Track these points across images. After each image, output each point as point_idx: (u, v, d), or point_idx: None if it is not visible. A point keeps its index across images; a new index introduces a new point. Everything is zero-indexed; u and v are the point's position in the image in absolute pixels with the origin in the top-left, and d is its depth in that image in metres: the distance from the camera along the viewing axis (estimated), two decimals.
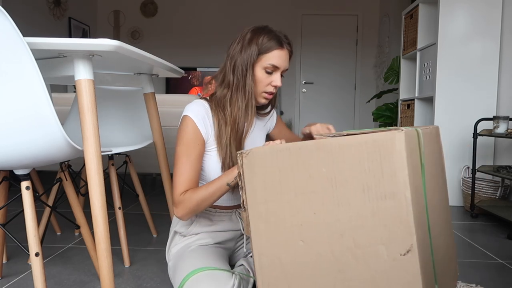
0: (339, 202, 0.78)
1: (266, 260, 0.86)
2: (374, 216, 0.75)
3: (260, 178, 0.85)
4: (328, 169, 0.78)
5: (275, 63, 1.14)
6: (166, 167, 1.66)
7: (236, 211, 1.32)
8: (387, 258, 0.75)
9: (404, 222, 0.72)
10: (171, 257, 1.25)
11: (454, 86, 2.48)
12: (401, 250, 0.73)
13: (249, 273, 1.15)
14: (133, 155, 2.60)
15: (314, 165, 0.79)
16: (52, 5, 4.55)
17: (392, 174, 0.72)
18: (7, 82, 0.92)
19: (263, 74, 1.15)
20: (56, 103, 1.31)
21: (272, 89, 1.18)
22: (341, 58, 5.45)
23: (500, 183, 2.33)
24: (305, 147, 0.80)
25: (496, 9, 2.43)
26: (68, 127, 1.64)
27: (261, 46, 1.13)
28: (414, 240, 0.72)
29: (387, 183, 0.73)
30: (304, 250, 0.82)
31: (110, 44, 0.96)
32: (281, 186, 0.83)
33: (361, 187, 0.76)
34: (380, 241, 0.75)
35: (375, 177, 0.74)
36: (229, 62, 1.17)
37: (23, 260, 1.51)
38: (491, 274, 1.42)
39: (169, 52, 5.39)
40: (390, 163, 0.72)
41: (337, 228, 0.79)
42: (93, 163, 1.05)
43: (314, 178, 0.80)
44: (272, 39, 1.14)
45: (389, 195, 0.73)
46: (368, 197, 0.75)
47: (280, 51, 1.15)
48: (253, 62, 1.14)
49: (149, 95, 1.58)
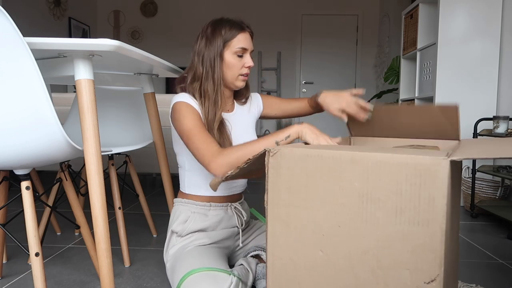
0: (367, 220, 0.76)
1: (279, 262, 0.85)
2: (403, 240, 0.73)
3: (285, 180, 0.83)
4: (361, 184, 0.76)
5: (243, 45, 1.24)
6: (166, 167, 1.66)
7: (231, 205, 1.33)
8: (410, 284, 0.73)
9: (435, 252, 0.70)
10: (168, 258, 1.25)
11: (454, 86, 2.48)
12: (426, 279, 0.71)
13: (248, 273, 1.15)
14: (133, 155, 2.60)
15: (347, 178, 0.77)
16: (52, 5, 4.55)
17: (430, 201, 0.70)
18: (7, 82, 0.92)
19: (235, 59, 1.24)
20: (56, 103, 1.31)
21: (246, 70, 1.27)
22: (341, 58, 5.45)
23: (500, 183, 2.33)
24: (339, 157, 0.77)
25: (496, 9, 2.43)
26: (68, 127, 1.64)
27: (225, 35, 1.22)
28: (441, 271, 0.70)
29: (423, 209, 0.71)
30: (322, 260, 0.80)
31: (110, 44, 0.96)
32: (307, 192, 0.81)
33: (394, 208, 0.73)
34: (405, 266, 0.73)
35: (410, 201, 0.72)
36: (196, 57, 1.25)
37: (23, 260, 1.51)
38: (491, 274, 1.42)
39: (169, 52, 5.39)
40: (430, 189, 0.70)
41: (361, 245, 0.76)
42: (93, 163, 1.05)
43: (344, 191, 0.77)
44: (233, 26, 1.24)
45: (422, 221, 0.71)
46: (400, 219, 0.73)
47: (244, 33, 1.25)
48: (220, 51, 1.22)
49: (149, 95, 1.58)
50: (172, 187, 1.69)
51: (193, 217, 1.27)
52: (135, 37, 5.58)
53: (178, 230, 1.26)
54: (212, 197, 1.30)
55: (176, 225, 1.27)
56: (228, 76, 1.25)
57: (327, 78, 5.47)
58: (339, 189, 0.78)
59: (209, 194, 1.29)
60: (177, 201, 1.33)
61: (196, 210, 1.28)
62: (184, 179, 1.33)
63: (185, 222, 1.27)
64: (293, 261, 0.83)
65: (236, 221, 1.33)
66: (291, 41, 5.43)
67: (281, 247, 0.84)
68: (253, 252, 1.30)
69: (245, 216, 1.37)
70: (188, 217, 1.27)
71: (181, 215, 1.28)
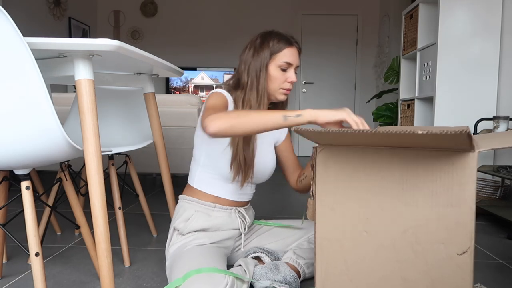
0: (407, 203, 0.87)
1: (327, 243, 0.95)
2: (439, 219, 0.84)
3: (332, 172, 0.93)
4: (401, 173, 0.87)
5: (288, 60, 1.25)
6: (166, 167, 1.66)
7: (235, 209, 1.33)
8: (444, 255, 0.85)
9: (466, 228, 0.83)
10: (168, 256, 1.26)
11: (454, 86, 2.48)
12: (458, 251, 0.84)
13: (245, 274, 1.15)
14: (133, 155, 2.60)
15: (388, 168, 0.88)
16: (52, 5, 4.55)
17: (462, 186, 0.82)
18: (7, 82, 0.92)
19: (279, 72, 1.25)
20: (56, 103, 1.31)
21: (289, 86, 1.28)
22: (341, 58, 5.45)
23: (500, 183, 2.33)
24: (381, 150, 0.88)
25: (496, 9, 2.43)
26: (68, 127, 1.64)
27: (272, 48, 1.24)
28: (472, 244, 0.83)
29: (455, 193, 0.83)
30: (366, 240, 0.91)
31: (110, 44, 0.96)
32: (351, 181, 0.91)
33: (430, 193, 0.85)
34: (441, 241, 0.85)
35: (444, 186, 0.84)
36: (242, 66, 1.27)
37: (23, 260, 1.51)
38: (491, 274, 1.42)
39: (169, 52, 5.39)
40: (461, 177, 0.82)
41: (401, 224, 0.88)
42: (93, 163, 1.05)
43: (385, 180, 0.88)
44: (281, 39, 1.26)
45: (455, 203, 0.83)
46: (436, 202, 0.85)
47: (291, 49, 1.26)
48: (267, 63, 1.24)
49: (149, 95, 1.58)
50: (172, 187, 1.69)
51: (196, 215, 1.27)
52: (135, 37, 5.58)
53: (180, 228, 1.27)
54: (218, 198, 1.30)
55: (179, 222, 1.28)
56: (270, 88, 1.27)
57: (327, 78, 5.47)
58: (381, 178, 0.89)
59: (216, 194, 1.29)
60: (182, 197, 1.34)
61: (200, 209, 1.28)
62: (196, 173, 1.32)
63: (188, 220, 1.27)
64: (339, 241, 0.94)
65: (238, 225, 1.33)
66: None
67: (328, 229, 0.95)
68: (253, 253, 1.30)
69: (248, 221, 1.37)
70: (191, 215, 1.27)
71: (185, 212, 1.28)
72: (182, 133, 2.61)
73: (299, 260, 1.25)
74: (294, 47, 1.27)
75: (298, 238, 1.39)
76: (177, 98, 2.69)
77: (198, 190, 1.31)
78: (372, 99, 4.30)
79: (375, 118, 3.72)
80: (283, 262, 1.24)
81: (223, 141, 1.25)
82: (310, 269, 1.26)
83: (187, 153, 2.63)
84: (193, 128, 2.64)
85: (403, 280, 0.89)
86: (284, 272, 1.18)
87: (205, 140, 1.27)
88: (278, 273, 1.17)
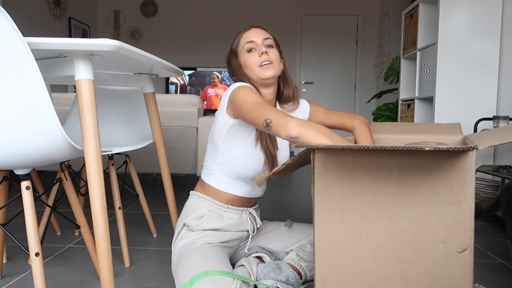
0: (406, 203, 0.87)
1: (326, 244, 0.94)
2: (438, 218, 0.85)
3: (330, 172, 0.92)
4: (400, 173, 0.87)
5: (247, 39, 1.27)
6: (166, 167, 1.66)
7: (247, 210, 1.33)
8: (444, 254, 0.86)
9: (465, 226, 0.84)
10: (175, 251, 1.25)
11: (454, 86, 2.48)
12: (458, 249, 0.85)
13: (250, 276, 1.15)
14: (133, 155, 2.60)
15: (387, 169, 0.87)
16: (52, 5, 4.55)
17: (461, 185, 0.83)
18: (7, 82, 0.92)
19: (247, 55, 1.26)
20: (56, 103, 1.31)
21: (263, 58, 1.24)
22: (341, 58, 5.45)
23: (500, 183, 2.32)
24: (379, 150, 0.87)
25: (496, 9, 2.43)
26: (68, 127, 1.64)
27: (233, 45, 1.31)
28: (471, 242, 0.85)
29: (455, 192, 0.84)
30: (366, 239, 0.91)
31: (110, 44, 0.96)
32: (351, 182, 0.91)
33: (429, 192, 0.85)
34: (441, 240, 0.85)
35: (444, 186, 0.84)
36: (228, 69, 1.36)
37: (23, 260, 1.51)
38: (491, 274, 1.42)
39: (169, 52, 5.39)
40: (461, 176, 0.83)
41: (401, 224, 0.88)
42: (93, 163, 1.05)
43: (385, 180, 0.88)
44: (238, 33, 1.32)
45: (455, 202, 0.84)
46: (435, 201, 0.85)
47: (247, 31, 1.29)
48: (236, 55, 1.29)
49: (149, 95, 1.58)
50: (172, 187, 1.69)
51: (209, 215, 1.27)
52: (135, 37, 5.58)
53: (191, 225, 1.26)
54: (232, 199, 1.29)
55: (190, 219, 1.27)
56: (250, 74, 1.25)
57: (327, 78, 5.47)
58: (380, 178, 0.88)
59: (231, 192, 1.28)
60: (194, 194, 1.32)
61: (212, 209, 1.28)
62: (212, 172, 1.30)
63: (200, 219, 1.26)
64: (338, 242, 0.93)
65: (249, 227, 1.33)
66: (291, 41, 5.43)
67: (326, 230, 0.94)
68: (255, 253, 1.30)
69: (258, 223, 1.37)
70: (204, 214, 1.27)
71: (197, 210, 1.28)
72: (182, 133, 2.61)
73: (301, 263, 1.25)
74: (250, 28, 1.29)
75: (302, 239, 1.39)
76: (177, 98, 2.69)
77: (213, 187, 1.29)
78: (372, 99, 4.30)
79: (375, 118, 3.72)
80: (285, 262, 1.24)
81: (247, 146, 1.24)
82: (311, 272, 1.25)
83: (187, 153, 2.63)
84: (193, 128, 2.64)
85: (403, 279, 0.89)
86: (287, 272, 1.18)
87: (223, 139, 1.24)
88: (280, 273, 1.17)
